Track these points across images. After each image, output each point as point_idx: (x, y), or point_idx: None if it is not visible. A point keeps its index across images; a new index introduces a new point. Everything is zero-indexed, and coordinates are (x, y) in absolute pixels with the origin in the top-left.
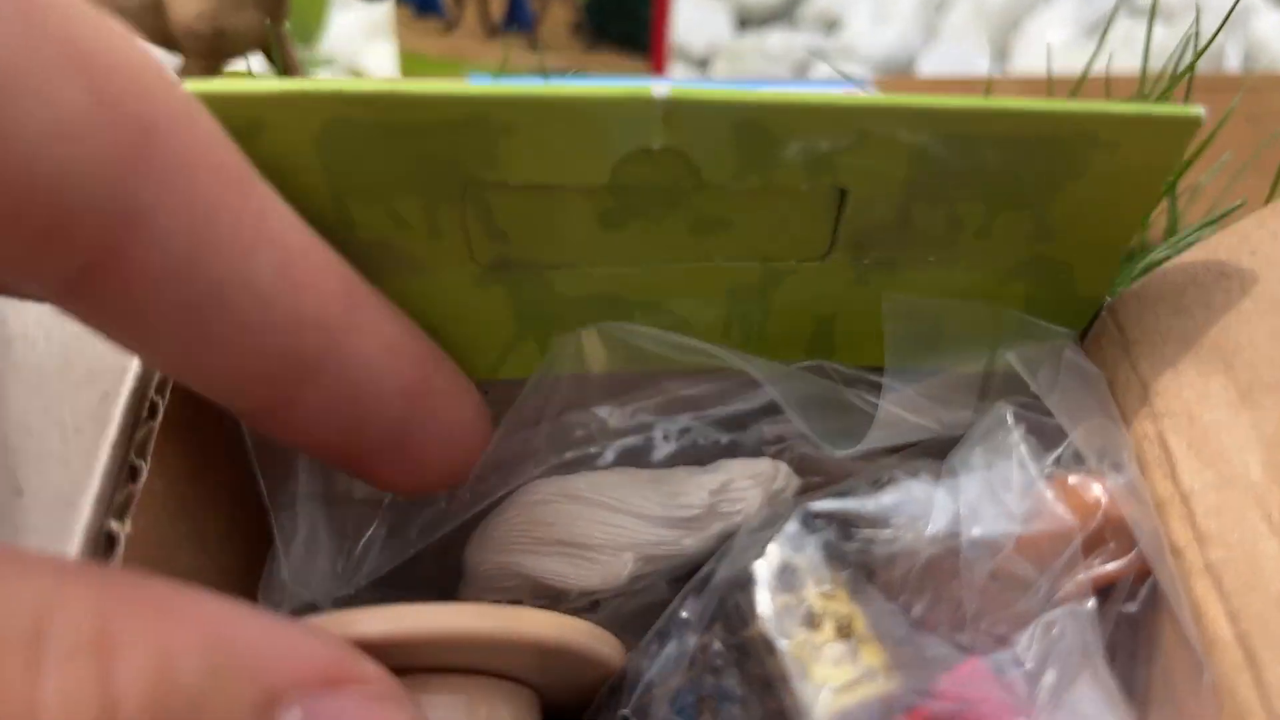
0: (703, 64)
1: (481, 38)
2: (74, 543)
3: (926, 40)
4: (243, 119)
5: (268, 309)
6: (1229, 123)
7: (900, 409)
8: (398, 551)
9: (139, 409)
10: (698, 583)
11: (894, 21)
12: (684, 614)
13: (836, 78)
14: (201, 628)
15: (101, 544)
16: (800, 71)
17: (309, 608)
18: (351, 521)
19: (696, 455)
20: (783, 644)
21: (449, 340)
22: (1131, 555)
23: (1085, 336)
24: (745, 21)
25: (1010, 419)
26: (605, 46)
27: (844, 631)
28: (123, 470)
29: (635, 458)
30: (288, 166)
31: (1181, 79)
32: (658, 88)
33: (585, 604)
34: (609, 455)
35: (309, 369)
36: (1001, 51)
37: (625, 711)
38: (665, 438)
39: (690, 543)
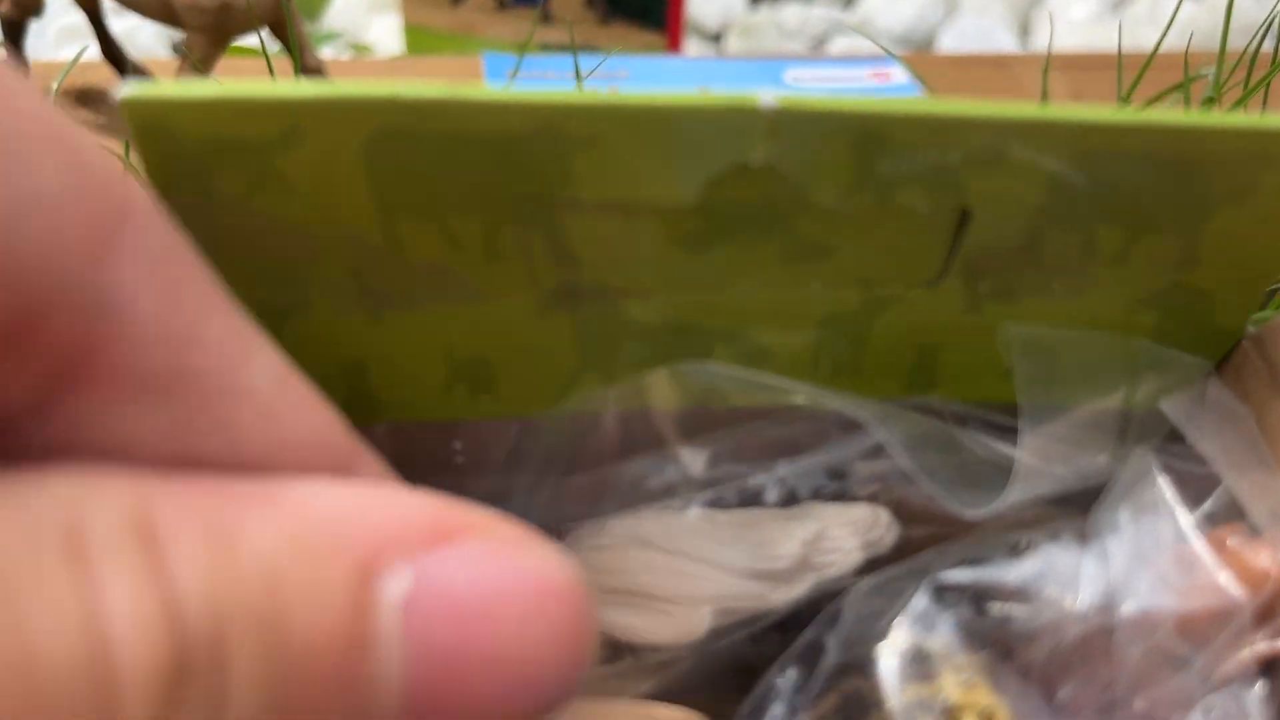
0: (716, 38)
1: (490, 10)
2: None
3: (947, 14)
4: (277, 127)
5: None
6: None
7: (1032, 455)
8: None
9: None
10: (803, 650)
11: None
12: (781, 685)
13: (856, 54)
14: (267, 499)
15: None
16: (817, 46)
17: None
18: None
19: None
20: None
21: (504, 373)
22: None
23: (1221, 369)
24: None
25: (1156, 470)
26: (619, 20)
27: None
28: None
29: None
30: (328, 181)
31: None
32: (765, 97)
33: (655, 661)
34: (694, 510)
35: None
36: (1023, 26)
37: None
38: (759, 490)
39: (778, 597)
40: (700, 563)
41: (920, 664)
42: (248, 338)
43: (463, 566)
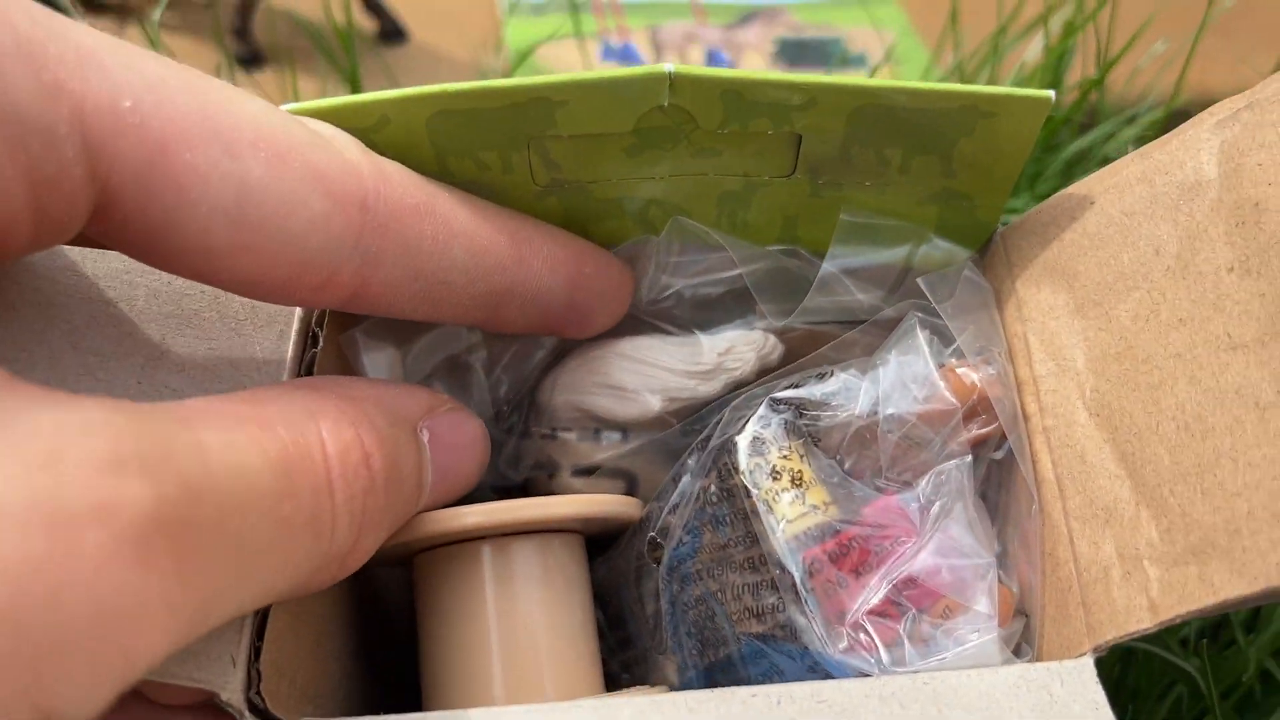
0: None
1: None
2: None
3: None
4: (373, 117)
5: (467, 275)
6: None
7: (836, 281)
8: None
9: (305, 340)
10: (700, 442)
11: None
12: (690, 464)
13: None
14: (367, 395)
15: None
16: None
17: None
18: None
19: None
20: (755, 491)
21: None
22: (996, 424)
23: (985, 254)
24: None
25: (917, 325)
26: None
27: (796, 481)
28: None
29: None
30: (405, 144)
31: None
32: (667, 65)
33: (621, 432)
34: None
35: (501, 298)
36: None
37: (652, 533)
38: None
39: (703, 390)
40: (654, 366)
41: (758, 445)
42: (446, 234)
43: (443, 423)
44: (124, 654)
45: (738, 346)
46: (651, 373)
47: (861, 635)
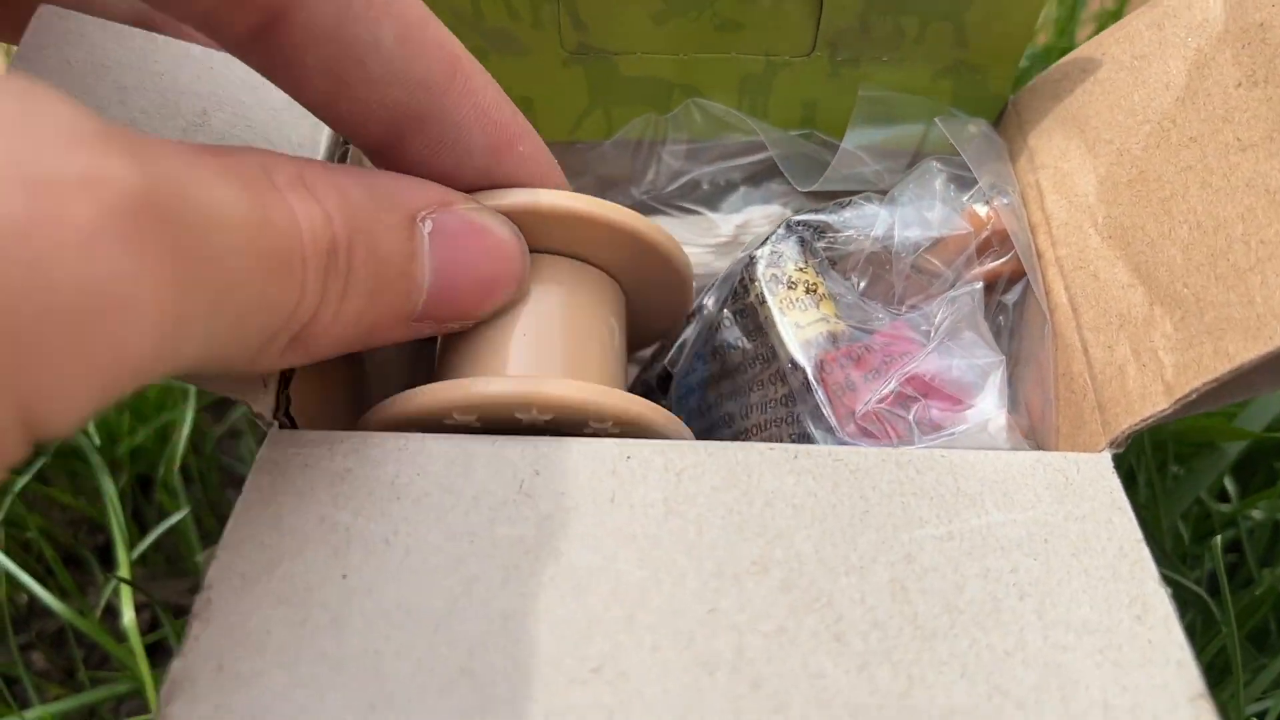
0: None
1: None
2: None
3: None
4: None
5: (388, 67)
6: None
7: (854, 158)
8: None
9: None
10: (718, 280)
11: None
12: (706, 300)
13: None
14: (354, 176)
15: None
16: None
17: None
18: None
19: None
20: (770, 299)
21: (539, 107)
22: (1009, 256)
23: (998, 125)
24: None
25: (936, 166)
26: None
27: (811, 291)
28: None
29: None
30: None
31: None
32: None
33: None
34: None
35: (416, 120)
36: None
37: (664, 364)
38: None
39: (720, 263)
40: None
41: (775, 258)
42: (383, 7)
43: (455, 219)
44: (112, 349)
45: (754, 220)
46: None
47: (871, 425)
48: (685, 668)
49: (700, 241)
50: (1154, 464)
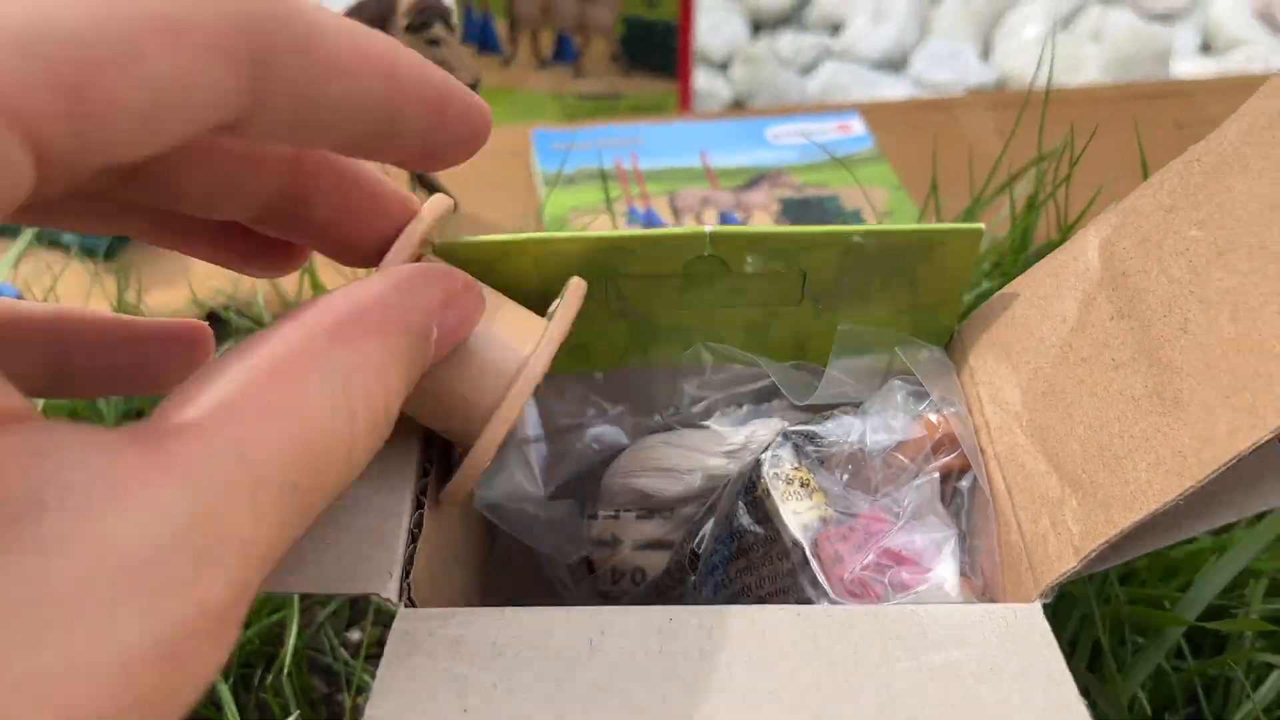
0: (723, 67)
1: (533, 68)
2: None
3: (920, 38)
4: (492, 254)
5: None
6: (1158, 128)
7: (837, 379)
8: (570, 470)
9: None
10: (732, 479)
11: (891, 19)
12: (723, 496)
13: (840, 77)
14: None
15: None
16: (807, 72)
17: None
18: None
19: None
20: (774, 493)
21: (593, 348)
22: (958, 453)
23: (948, 349)
24: (759, 25)
25: (898, 384)
26: (638, 72)
27: (805, 485)
28: None
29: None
30: (515, 275)
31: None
32: (708, 227)
33: (671, 507)
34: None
35: (375, 139)
36: (986, 46)
37: (692, 546)
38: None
39: (734, 466)
40: (695, 450)
41: (777, 462)
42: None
43: (453, 318)
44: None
45: (759, 432)
46: (693, 454)
47: (856, 588)
48: None
49: (717, 450)
50: (1114, 641)
